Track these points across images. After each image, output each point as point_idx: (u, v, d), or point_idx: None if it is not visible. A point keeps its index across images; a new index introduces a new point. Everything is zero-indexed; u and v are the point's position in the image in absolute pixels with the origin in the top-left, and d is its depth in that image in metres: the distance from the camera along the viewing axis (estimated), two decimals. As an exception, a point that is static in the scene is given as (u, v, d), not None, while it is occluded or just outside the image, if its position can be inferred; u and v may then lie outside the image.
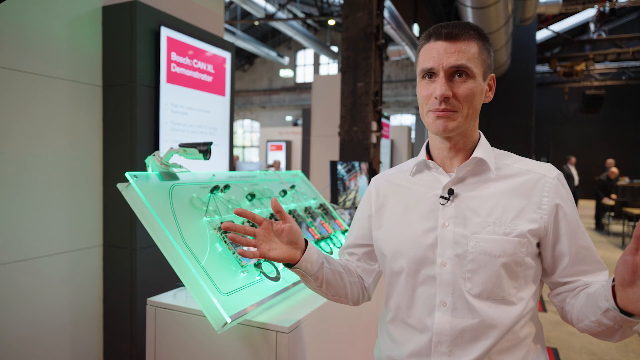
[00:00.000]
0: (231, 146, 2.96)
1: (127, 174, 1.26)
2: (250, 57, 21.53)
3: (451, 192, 0.96)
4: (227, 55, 2.84)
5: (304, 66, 21.25)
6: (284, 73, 19.18)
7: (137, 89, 2.21)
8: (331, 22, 13.03)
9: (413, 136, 12.31)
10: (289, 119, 21.35)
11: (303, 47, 20.53)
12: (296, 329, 1.23)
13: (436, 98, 0.92)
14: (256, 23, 15.18)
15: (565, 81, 14.85)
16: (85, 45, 2.20)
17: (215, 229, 1.34)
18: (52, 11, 2.04)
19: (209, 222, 1.35)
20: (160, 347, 1.35)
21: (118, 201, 2.21)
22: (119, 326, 2.28)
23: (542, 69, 15.55)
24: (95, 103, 2.26)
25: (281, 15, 13.02)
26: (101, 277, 2.31)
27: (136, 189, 1.24)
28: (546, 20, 13.44)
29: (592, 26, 12.17)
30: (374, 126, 4.61)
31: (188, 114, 2.55)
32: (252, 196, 1.60)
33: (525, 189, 0.93)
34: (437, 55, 0.92)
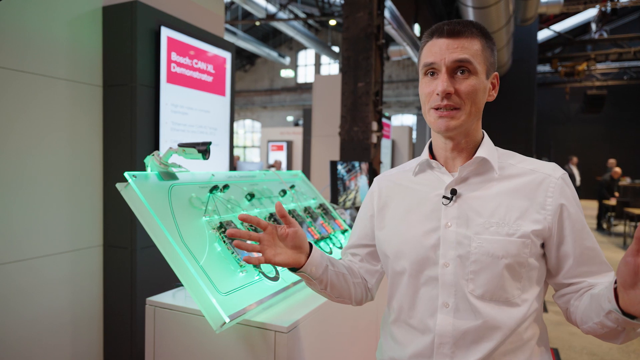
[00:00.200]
0: (231, 146, 2.96)
1: (126, 174, 1.26)
2: (252, 57, 21.55)
3: (454, 192, 0.95)
4: (227, 55, 2.84)
5: (305, 66, 21.25)
6: (285, 73, 19.19)
7: (137, 89, 2.21)
8: (332, 22, 13.02)
9: (414, 136, 12.30)
10: (290, 119, 21.35)
11: (304, 48, 20.54)
12: (295, 328, 1.22)
13: (438, 94, 0.91)
14: (257, 23, 15.19)
15: (567, 81, 14.82)
16: (86, 45, 2.20)
17: (214, 228, 1.34)
18: (52, 11, 2.05)
19: (208, 222, 1.35)
20: (159, 346, 1.34)
21: (118, 201, 2.21)
22: (119, 326, 2.28)
23: (544, 69, 15.53)
24: (95, 103, 2.26)
25: (282, 15, 13.02)
26: (101, 277, 2.31)
27: (135, 188, 1.24)
28: (547, 20, 13.42)
29: (593, 26, 12.15)
30: (374, 126, 4.61)
31: (188, 114, 2.56)
32: (252, 196, 1.60)
33: (529, 189, 0.92)
34: (439, 51, 0.91)
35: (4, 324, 1.88)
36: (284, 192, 1.83)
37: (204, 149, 1.33)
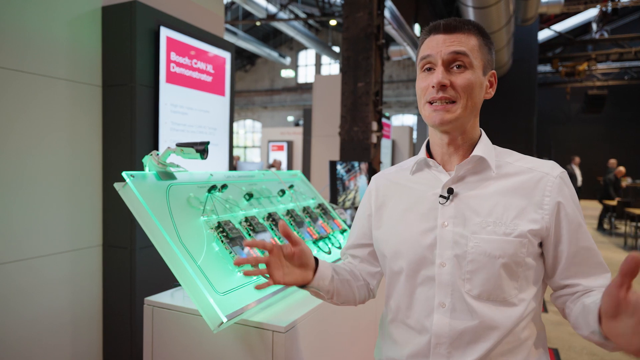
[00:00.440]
0: (231, 146, 2.96)
1: (124, 174, 1.26)
2: (252, 58, 21.56)
3: (450, 191, 0.94)
4: (227, 55, 2.84)
5: (305, 66, 21.26)
6: (285, 73, 19.19)
7: (136, 89, 2.22)
8: (332, 22, 13.02)
9: (414, 136, 12.30)
10: (290, 119, 21.36)
11: (305, 48, 20.54)
12: (293, 328, 1.22)
13: (433, 87, 0.90)
14: (258, 23, 15.20)
15: (567, 81, 14.81)
16: (85, 45, 2.21)
17: (212, 228, 1.34)
18: (52, 11, 2.05)
19: (206, 222, 1.35)
20: (158, 346, 1.35)
21: (117, 201, 2.21)
22: (119, 326, 2.28)
23: (544, 69, 15.52)
24: (95, 103, 2.27)
25: (283, 15, 13.03)
26: (101, 276, 2.32)
27: (133, 188, 1.24)
28: (548, 20, 13.42)
29: (594, 26, 12.15)
30: (374, 126, 4.61)
31: (188, 114, 2.56)
32: (250, 196, 1.60)
33: (527, 188, 0.91)
34: (435, 45, 0.92)
35: (3, 324, 1.88)
36: (282, 192, 1.83)
37: (202, 149, 1.33)
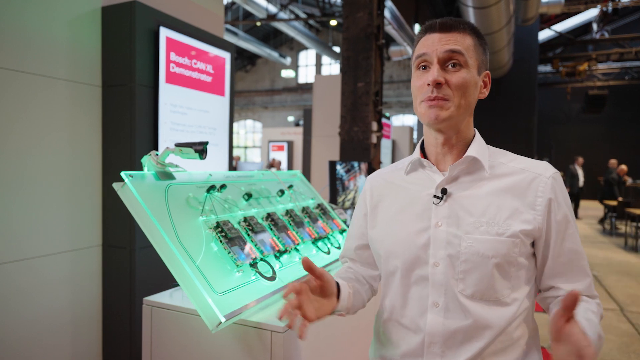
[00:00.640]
0: (231, 146, 2.96)
1: (123, 174, 1.26)
2: (253, 58, 21.57)
3: (444, 191, 0.95)
4: (226, 56, 2.84)
5: (306, 67, 21.27)
6: (286, 73, 19.20)
7: (136, 89, 2.22)
8: (333, 22, 13.03)
9: (415, 136, 12.30)
10: (291, 119, 21.37)
11: (305, 48, 20.55)
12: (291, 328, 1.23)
13: (429, 85, 0.91)
14: (258, 24, 15.20)
15: (568, 81, 14.81)
16: (85, 45, 2.21)
17: (211, 228, 1.34)
18: (52, 11, 2.05)
19: (204, 222, 1.35)
20: (156, 346, 1.35)
21: (117, 201, 2.20)
22: (118, 326, 2.28)
23: (545, 69, 15.52)
24: (94, 103, 2.27)
25: (283, 15, 13.04)
26: (100, 277, 2.32)
27: (131, 188, 1.24)
28: (548, 20, 13.41)
29: (594, 26, 12.14)
30: (374, 126, 4.61)
31: (187, 114, 2.56)
32: (249, 196, 1.60)
33: (520, 188, 0.92)
34: (431, 44, 0.92)
35: (3, 324, 1.89)
36: (282, 192, 1.83)
37: (200, 149, 1.33)
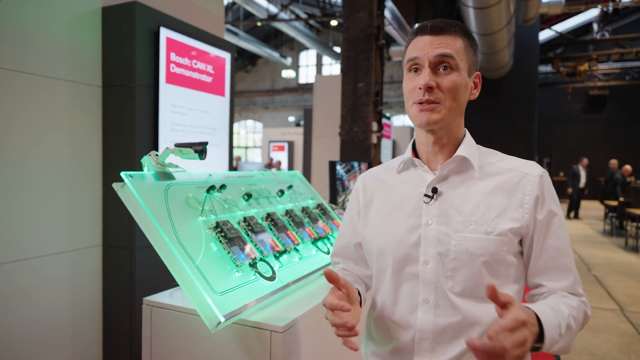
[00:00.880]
0: (231, 146, 2.96)
1: (123, 174, 1.26)
2: (253, 58, 21.58)
3: (435, 190, 0.97)
4: (227, 56, 2.85)
5: (306, 67, 21.28)
6: (286, 74, 19.20)
7: (136, 89, 2.22)
8: (333, 22, 13.04)
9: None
10: (291, 119, 21.38)
11: (306, 48, 20.56)
12: (290, 328, 1.23)
13: (420, 88, 0.93)
14: (259, 24, 15.22)
15: (568, 81, 14.81)
16: (85, 45, 2.21)
17: (211, 228, 1.34)
18: (52, 12, 2.06)
19: (204, 222, 1.35)
20: (156, 346, 1.35)
21: (117, 201, 2.20)
22: (118, 326, 2.29)
23: (545, 69, 15.52)
24: (95, 103, 2.27)
25: (284, 16, 13.05)
26: (100, 276, 2.32)
27: (131, 188, 1.25)
28: (549, 21, 13.41)
29: (595, 26, 12.13)
30: (374, 126, 4.61)
31: (187, 114, 2.56)
32: (249, 196, 1.61)
33: (508, 187, 0.94)
34: (422, 47, 0.94)
35: (3, 324, 1.89)
36: (281, 192, 1.83)
37: (200, 149, 1.33)
